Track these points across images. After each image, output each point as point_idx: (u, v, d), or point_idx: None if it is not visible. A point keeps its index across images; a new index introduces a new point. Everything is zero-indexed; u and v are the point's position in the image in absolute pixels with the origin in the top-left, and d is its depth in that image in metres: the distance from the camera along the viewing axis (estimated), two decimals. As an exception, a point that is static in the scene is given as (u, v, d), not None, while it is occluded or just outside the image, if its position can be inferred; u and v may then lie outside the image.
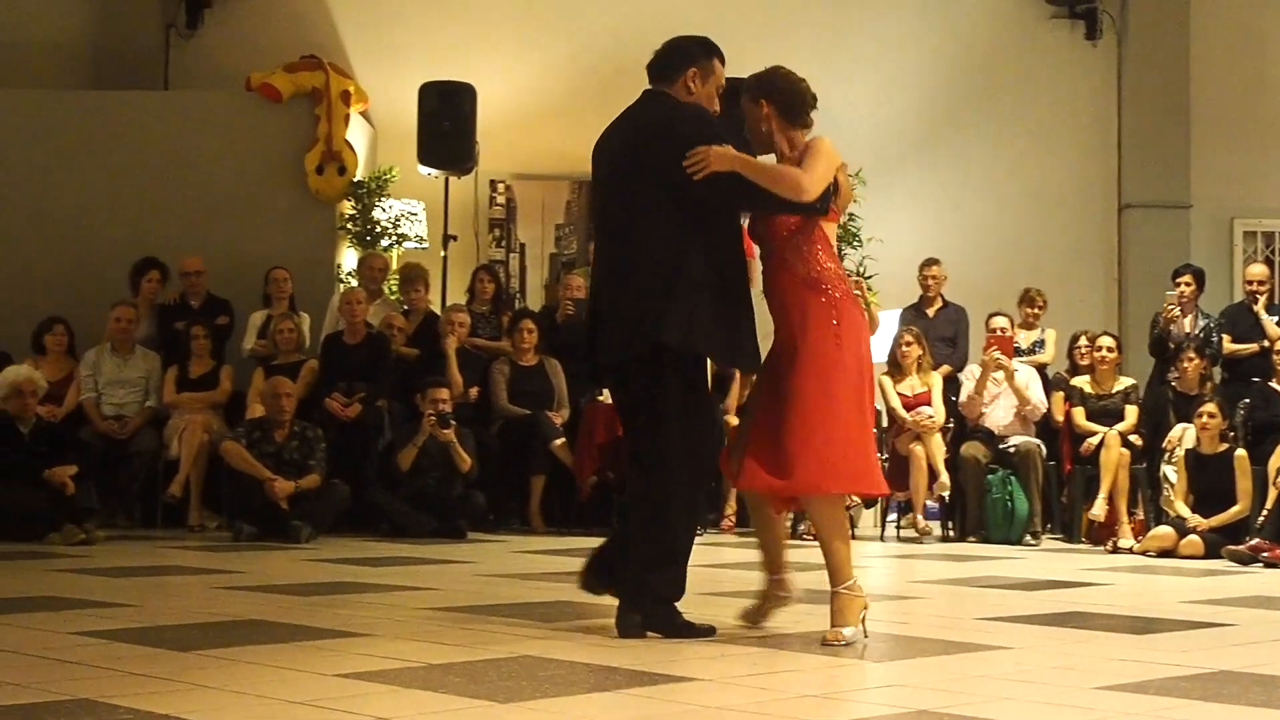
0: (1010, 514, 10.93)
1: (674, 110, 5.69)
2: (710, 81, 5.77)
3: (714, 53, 5.86)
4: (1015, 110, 14.44)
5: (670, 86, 5.75)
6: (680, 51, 5.84)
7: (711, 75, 5.79)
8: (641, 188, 5.57)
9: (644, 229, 5.54)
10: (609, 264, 5.73)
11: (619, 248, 5.66)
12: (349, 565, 8.28)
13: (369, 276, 12.19)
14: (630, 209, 5.59)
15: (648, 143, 5.60)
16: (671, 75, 5.77)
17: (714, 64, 5.83)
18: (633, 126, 5.75)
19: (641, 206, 5.55)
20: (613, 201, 5.74)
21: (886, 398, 11.38)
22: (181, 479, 10.76)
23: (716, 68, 5.83)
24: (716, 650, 5.22)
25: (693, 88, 5.73)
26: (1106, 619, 6.45)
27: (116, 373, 11.33)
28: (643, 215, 5.54)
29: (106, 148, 13.01)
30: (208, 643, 5.10)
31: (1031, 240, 14.24)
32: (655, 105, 5.76)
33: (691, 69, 5.76)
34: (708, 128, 5.59)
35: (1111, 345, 11.34)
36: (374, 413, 11.09)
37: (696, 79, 5.75)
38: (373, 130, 13.89)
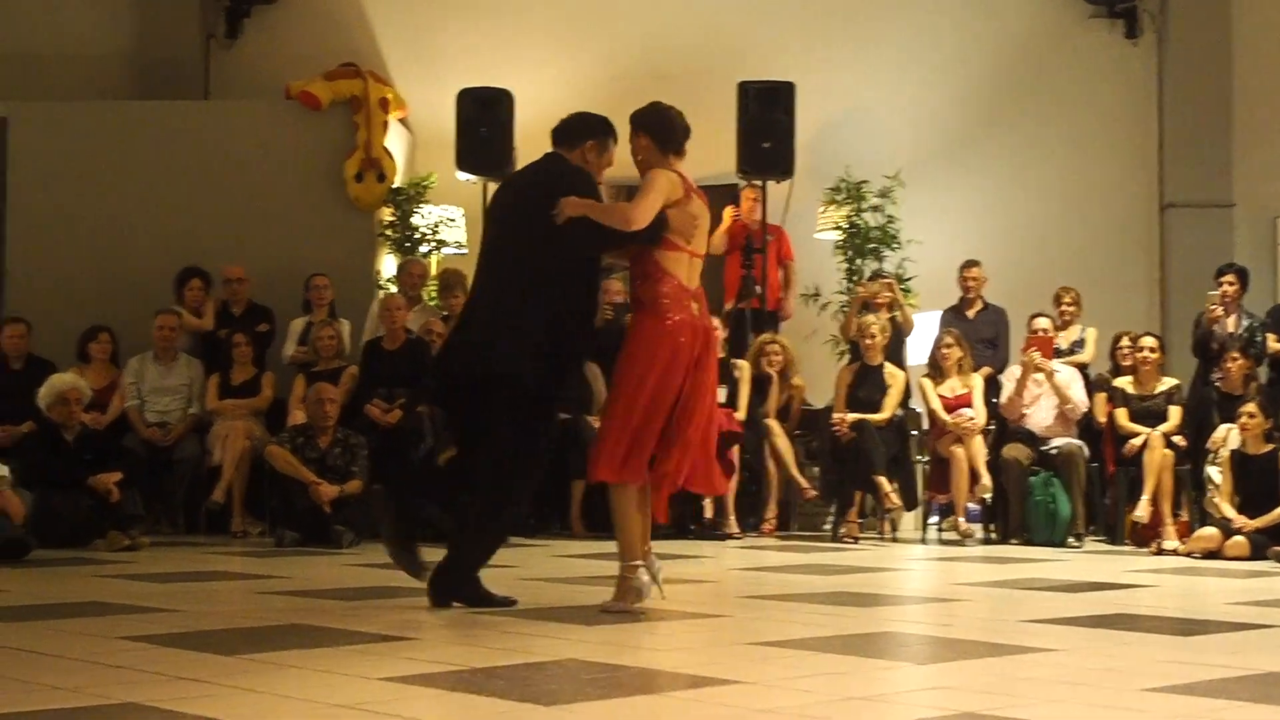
0: (1053, 516, 10.87)
1: (562, 170, 6.44)
2: (605, 157, 6.54)
3: (612, 132, 6.61)
4: (1055, 110, 14.37)
5: (569, 152, 6.50)
6: (584, 125, 6.61)
7: (606, 152, 6.55)
8: (522, 233, 6.34)
9: (513, 271, 6.32)
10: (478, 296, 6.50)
11: (490, 284, 6.41)
12: (391, 570, 8.26)
13: (408, 283, 12.22)
14: (510, 252, 6.40)
15: (533, 195, 6.34)
16: (572, 143, 6.52)
17: (609, 142, 6.58)
18: (526, 179, 6.62)
19: (520, 251, 6.34)
20: (497, 242, 6.55)
21: (927, 400, 11.35)
22: (224, 485, 10.81)
23: (610, 146, 6.58)
24: (760, 653, 5.21)
25: (589, 158, 6.48)
26: (1152, 621, 6.41)
27: (159, 380, 11.39)
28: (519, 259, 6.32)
29: (148, 157, 13.09)
30: (251, 647, 5.11)
31: (1072, 241, 14.17)
32: (549, 164, 6.52)
33: (590, 141, 6.53)
34: (585, 188, 6.34)
35: (1154, 346, 11.26)
36: (414, 418, 11.11)
37: (593, 150, 6.50)
38: (411, 137, 13.92)
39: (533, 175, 6.62)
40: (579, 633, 5.62)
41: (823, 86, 13.82)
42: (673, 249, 6.27)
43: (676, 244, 6.27)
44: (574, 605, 6.49)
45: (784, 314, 13.09)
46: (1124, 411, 11.13)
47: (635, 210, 6.14)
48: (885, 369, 11.46)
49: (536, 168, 6.62)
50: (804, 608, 6.52)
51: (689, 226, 6.29)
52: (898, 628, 6.28)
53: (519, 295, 6.26)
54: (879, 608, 6.97)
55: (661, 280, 6.24)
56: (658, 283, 6.24)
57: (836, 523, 11.36)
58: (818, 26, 14.28)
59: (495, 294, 6.36)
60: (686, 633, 5.87)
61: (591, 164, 6.50)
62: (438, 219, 13.15)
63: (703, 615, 6.31)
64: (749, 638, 5.61)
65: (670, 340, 6.18)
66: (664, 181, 6.23)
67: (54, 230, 12.91)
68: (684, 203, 6.27)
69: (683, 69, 14.00)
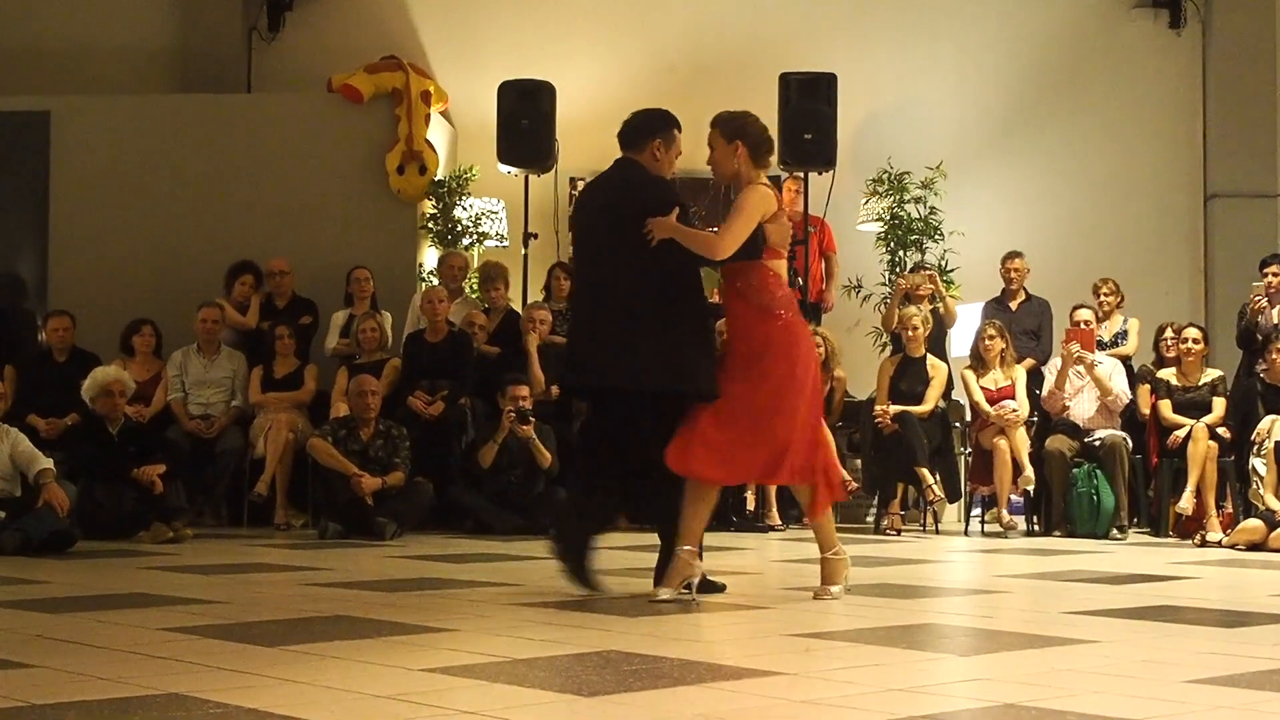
0: (1096, 508, 10.82)
1: (639, 180, 6.66)
2: (672, 150, 6.70)
3: (674, 124, 6.76)
4: (1098, 101, 14.30)
5: (639, 154, 6.69)
6: (646, 123, 6.76)
7: (672, 144, 6.70)
8: (612, 241, 6.58)
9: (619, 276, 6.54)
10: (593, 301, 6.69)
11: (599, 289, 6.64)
12: (433, 562, 8.33)
13: (450, 275, 12.24)
14: (606, 258, 6.63)
15: (625, 212, 6.52)
16: (639, 144, 6.71)
17: (673, 134, 6.72)
18: (607, 195, 6.73)
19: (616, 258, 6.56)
20: (592, 251, 6.78)
21: (970, 392, 11.31)
22: (267, 477, 10.85)
23: (675, 137, 6.72)
24: (800, 644, 5.21)
25: (657, 156, 6.65)
26: (1195, 613, 6.38)
27: (203, 373, 11.46)
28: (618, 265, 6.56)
29: (191, 150, 13.16)
30: (295, 638, 5.14)
31: (1115, 231, 14.10)
32: (624, 172, 6.73)
33: (655, 139, 6.68)
34: (660, 201, 6.50)
35: (1197, 337, 11.20)
36: (457, 411, 11.14)
37: (660, 147, 6.66)
38: (453, 130, 13.95)
39: (612, 189, 6.76)
40: (621, 624, 5.63)
41: (865, 78, 13.79)
42: (776, 257, 6.54)
43: (779, 252, 6.55)
44: (615, 597, 6.50)
45: (826, 305, 13.07)
46: (1167, 403, 11.07)
47: (722, 242, 6.37)
48: (928, 360, 11.43)
49: (612, 177, 6.79)
50: (846, 600, 6.52)
51: (786, 237, 6.58)
52: (940, 619, 6.27)
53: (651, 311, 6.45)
54: (921, 599, 6.96)
55: (778, 285, 6.51)
56: (777, 288, 6.50)
57: (879, 515, 11.35)
58: (860, 18, 14.25)
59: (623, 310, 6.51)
60: (728, 624, 5.88)
61: (661, 160, 6.67)
62: (479, 211, 13.17)
63: (745, 607, 6.31)
64: (790, 629, 5.61)
65: (808, 338, 6.62)
66: (756, 202, 6.43)
67: (97, 223, 13.01)
68: (778, 215, 6.53)
69: (724, 60, 14.00)
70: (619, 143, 6.81)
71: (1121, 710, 4.01)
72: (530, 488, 10.65)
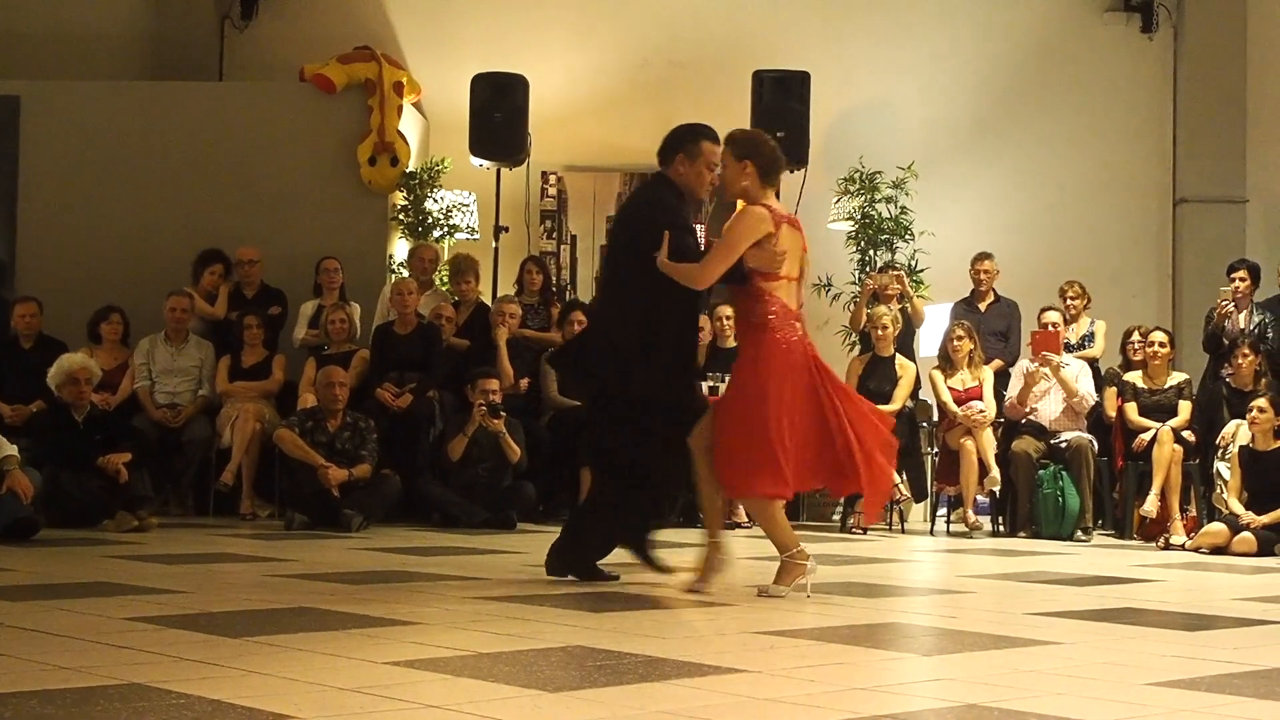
0: (1061, 509, 10.87)
1: (641, 201, 7.07)
2: (699, 160, 6.84)
3: (700, 136, 6.89)
4: (1070, 104, 14.35)
5: (668, 170, 6.90)
6: (669, 140, 6.95)
7: (699, 155, 6.84)
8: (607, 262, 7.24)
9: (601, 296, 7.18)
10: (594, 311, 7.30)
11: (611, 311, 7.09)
12: (400, 554, 8.32)
13: (420, 267, 12.23)
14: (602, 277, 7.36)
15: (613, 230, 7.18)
16: (666, 160, 6.92)
17: (700, 146, 6.86)
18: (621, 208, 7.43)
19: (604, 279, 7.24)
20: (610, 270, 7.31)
21: (937, 392, 11.35)
22: (233, 467, 10.83)
23: (704, 148, 6.86)
24: (765, 642, 5.22)
25: (681, 170, 6.85)
26: (1158, 615, 6.41)
27: (170, 362, 11.41)
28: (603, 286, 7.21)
29: (161, 138, 13.11)
30: (259, 629, 5.13)
31: (1085, 234, 14.16)
32: (640, 191, 7.17)
33: (678, 154, 6.87)
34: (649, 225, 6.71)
35: (1164, 340, 11.26)
36: (425, 403, 11.13)
37: (683, 163, 6.84)
38: (425, 121, 13.93)
39: (620, 211, 7.47)
40: (585, 619, 5.63)
41: (838, 77, 13.82)
42: (770, 278, 6.63)
43: (773, 274, 6.63)
44: (580, 593, 6.50)
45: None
46: (1133, 406, 11.13)
47: (702, 274, 6.61)
48: (896, 360, 11.46)
49: (631, 196, 7.43)
50: (810, 598, 6.53)
51: (772, 262, 6.59)
52: (904, 619, 6.29)
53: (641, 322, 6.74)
54: (885, 599, 6.98)
55: (769, 301, 6.60)
56: (765, 304, 6.60)
57: (845, 513, 11.37)
58: (834, 17, 14.27)
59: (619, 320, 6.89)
60: (692, 621, 5.88)
61: (685, 174, 6.85)
62: (450, 204, 13.15)
63: (709, 604, 6.32)
64: (755, 627, 5.61)
65: (783, 354, 6.58)
66: (742, 231, 6.59)
67: (66, 210, 12.95)
68: (769, 239, 6.57)
69: (699, 56, 14.02)
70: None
71: (1083, 712, 4.03)
72: (498, 481, 10.64)
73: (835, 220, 13.37)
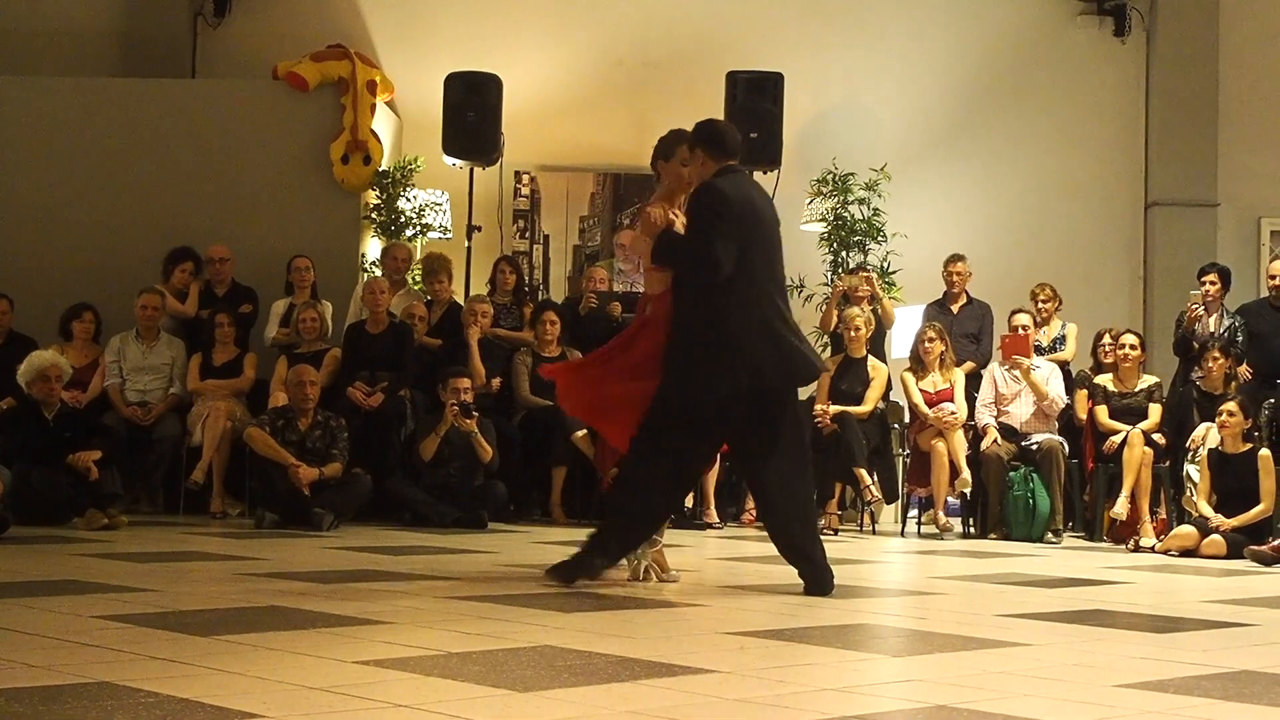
0: (1032, 511, 10.90)
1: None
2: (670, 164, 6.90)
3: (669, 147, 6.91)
4: (1042, 106, 14.40)
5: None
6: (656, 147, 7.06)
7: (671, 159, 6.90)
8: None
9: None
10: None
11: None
12: (370, 554, 8.31)
13: (392, 266, 12.21)
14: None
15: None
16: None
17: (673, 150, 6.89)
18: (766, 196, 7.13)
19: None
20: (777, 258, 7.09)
21: (909, 394, 11.37)
22: (204, 465, 10.79)
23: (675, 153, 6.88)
24: (735, 642, 5.23)
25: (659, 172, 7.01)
26: (1127, 617, 6.44)
27: (141, 359, 11.38)
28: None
29: (133, 135, 13.06)
30: (229, 628, 5.11)
31: (1057, 237, 14.21)
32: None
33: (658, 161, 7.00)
34: None
35: (1135, 343, 11.30)
36: (397, 402, 11.12)
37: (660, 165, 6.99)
38: (398, 120, 13.91)
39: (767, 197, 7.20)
40: (556, 619, 5.63)
41: (812, 78, 13.85)
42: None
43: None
44: (552, 593, 6.50)
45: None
46: (1104, 409, 11.17)
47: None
48: (868, 362, 11.49)
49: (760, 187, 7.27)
50: (781, 599, 6.54)
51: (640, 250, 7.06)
52: (874, 620, 6.30)
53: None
54: (856, 599, 6.99)
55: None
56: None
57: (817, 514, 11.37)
58: (808, 18, 14.30)
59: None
60: (663, 622, 5.88)
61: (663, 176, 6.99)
62: (423, 203, 13.13)
63: (680, 605, 6.33)
64: (725, 628, 5.62)
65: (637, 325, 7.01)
66: None
67: (36, 206, 12.89)
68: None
69: (672, 56, 14.03)
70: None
71: (1052, 713, 4.05)
72: (469, 481, 10.63)
73: (808, 222, 13.39)
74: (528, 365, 11.46)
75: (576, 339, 11.64)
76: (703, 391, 6.57)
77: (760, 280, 6.69)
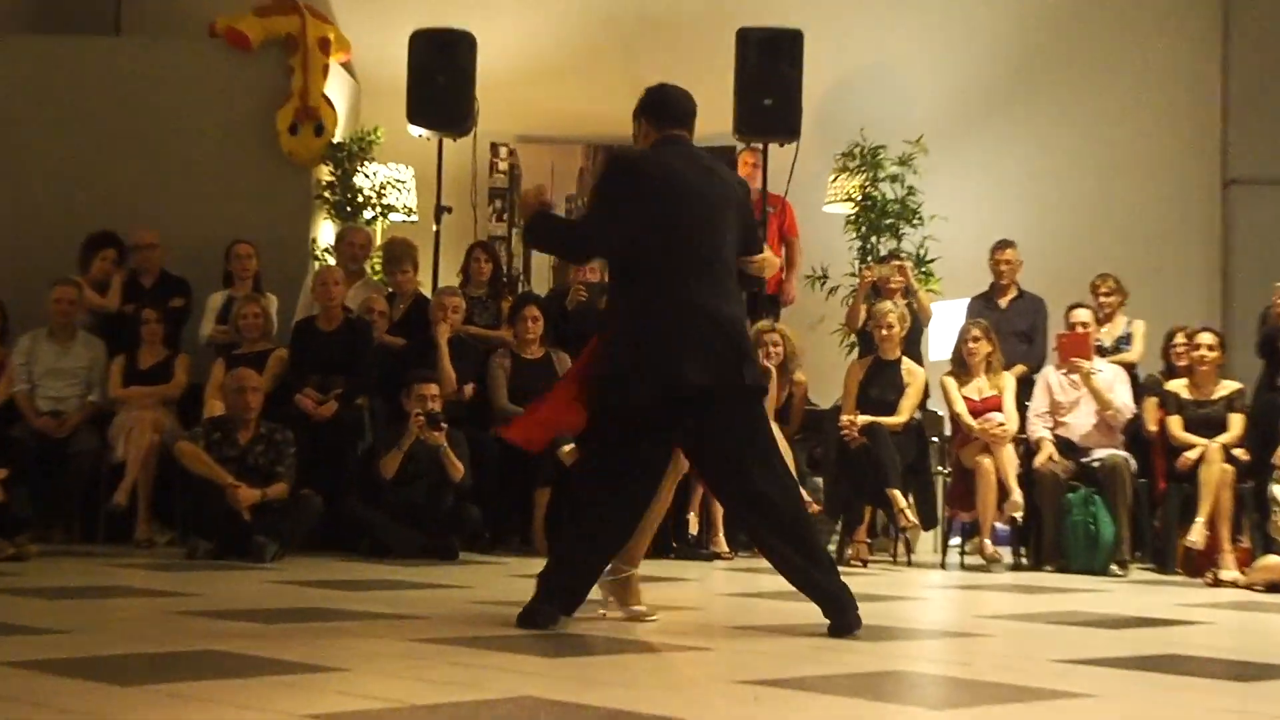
0: (1093, 539, 10.89)
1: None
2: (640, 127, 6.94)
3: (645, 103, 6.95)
4: (1103, 69, 14.40)
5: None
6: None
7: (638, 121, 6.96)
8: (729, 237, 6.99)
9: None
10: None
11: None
12: (321, 589, 8.29)
13: (349, 253, 12.21)
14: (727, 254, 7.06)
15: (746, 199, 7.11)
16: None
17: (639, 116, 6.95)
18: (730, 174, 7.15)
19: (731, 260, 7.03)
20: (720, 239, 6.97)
21: (950, 402, 11.34)
22: (128, 486, 10.78)
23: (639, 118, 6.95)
24: (747, 692, 5.20)
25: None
26: (1205, 664, 6.41)
27: (54, 361, 11.36)
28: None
29: (48, 102, 13.07)
30: (155, 676, 5.08)
31: (1120, 220, 14.21)
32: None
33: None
34: None
35: (1213, 343, 11.28)
36: (352, 412, 11.10)
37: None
38: (355, 84, 13.91)
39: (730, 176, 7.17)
40: (538, 665, 5.60)
41: (836, 36, 13.84)
42: None
43: None
44: (532, 634, 6.47)
45: (786, 298, 13.10)
46: (1177, 419, 11.15)
47: None
48: (903, 365, 11.47)
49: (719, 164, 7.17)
50: (801, 641, 6.51)
51: None
52: (910, 666, 6.28)
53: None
54: (888, 642, 6.96)
55: None
56: None
57: (842, 543, 11.36)
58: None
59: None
60: (662, 668, 5.86)
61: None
62: (385, 180, 13.14)
63: (684, 648, 6.30)
64: (737, 675, 5.59)
65: None
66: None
67: (-66, 184, 12.90)
68: None
69: (673, 11, 14.03)
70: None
71: (1119, 776, 4.02)
72: (437, 503, 10.61)
73: (832, 201, 13.39)
74: (506, 369, 11.45)
75: (562, 338, 11.63)
76: (613, 397, 6.58)
77: (682, 269, 6.62)
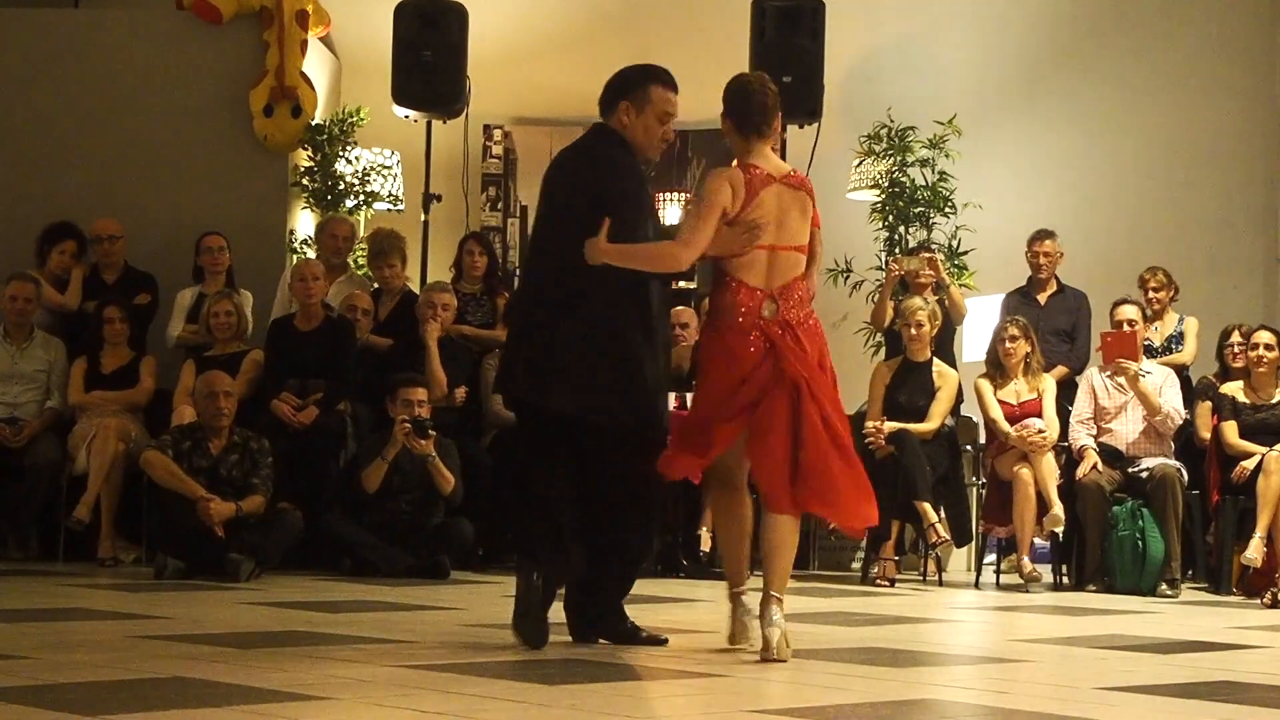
0: (1141, 556, 10.89)
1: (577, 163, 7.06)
2: (648, 110, 6.98)
3: (650, 80, 7.04)
4: (1152, 44, 14.39)
5: (610, 120, 7.04)
6: (614, 85, 7.09)
7: (648, 104, 6.98)
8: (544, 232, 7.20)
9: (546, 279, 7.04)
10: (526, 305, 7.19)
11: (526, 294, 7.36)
12: (301, 610, 8.30)
13: (330, 246, 12.21)
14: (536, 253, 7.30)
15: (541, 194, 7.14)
16: (609, 110, 7.05)
17: (649, 91, 7.00)
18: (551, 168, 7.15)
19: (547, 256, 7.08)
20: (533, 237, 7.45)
21: (985, 407, 11.34)
22: (90, 500, 10.78)
23: (654, 94, 7.00)
24: (767, 723, 5.22)
25: (625, 120, 6.99)
26: (1263, 691, 6.42)
27: (10, 364, 11.38)
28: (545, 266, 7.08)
29: (3, 80, 13.04)
30: (121, 706, 5.10)
31: (1170, 210, 14.20)
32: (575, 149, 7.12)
33: (623, 103, 6.99)
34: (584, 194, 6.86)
35: (1271, 343, 11.28)
36: (334, 419, 11.11)
37: (629, 112, 6.98)
38: (336, 61, 13.92)
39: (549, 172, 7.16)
40: (537, 694, 5.61)
41: (860, 6, 13.85)
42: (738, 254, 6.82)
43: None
44: (532, 659, 6.49)
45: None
46: (1233, 425, 11.15)
47: (685, 250, 6.73)
48: (933, 367, 11.47)
49: (562, 155, 7.16)
50: (825, 666, 6.53)
51: (734, 244, 6.75)
52: (940, 694, 6.29)
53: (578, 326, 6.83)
54: (918, 668, 6.98)
55: (726, 289, 6.81)
56: (723, 291, 6.83)
57: (868, 560, 11.37)
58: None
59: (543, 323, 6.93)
60: (675, 696, 5.87)
61: (630, 126, 6.98)
62: (368, 165, 13.13)
63: (696, 674, 6.31)
64: (754, 704, 5.61)
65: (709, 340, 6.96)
66: (713, 200, 6.72)
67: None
68: (742, 212, 6.74)
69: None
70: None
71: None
72: (426, 518, 10.62)
73: (856, 188, 13.39)
74: (500, 371, 11.45)
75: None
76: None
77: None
